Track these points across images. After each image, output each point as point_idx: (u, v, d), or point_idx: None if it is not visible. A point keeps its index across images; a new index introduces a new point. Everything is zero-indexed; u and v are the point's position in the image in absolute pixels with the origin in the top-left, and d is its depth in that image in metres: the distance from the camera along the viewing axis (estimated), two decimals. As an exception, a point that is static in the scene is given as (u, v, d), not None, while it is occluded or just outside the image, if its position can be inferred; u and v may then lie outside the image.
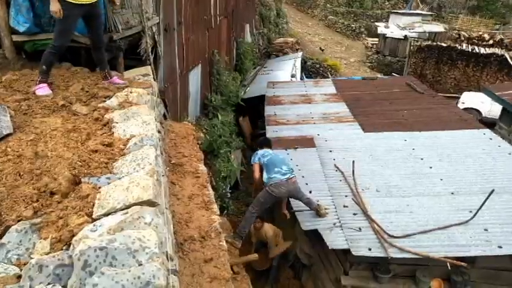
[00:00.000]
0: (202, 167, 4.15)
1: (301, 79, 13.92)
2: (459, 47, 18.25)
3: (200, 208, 3.39)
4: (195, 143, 4.74)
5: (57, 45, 3.83)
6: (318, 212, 5.24)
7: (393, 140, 7.34)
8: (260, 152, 5.48)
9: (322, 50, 23.01)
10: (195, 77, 8.18)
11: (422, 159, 6.67)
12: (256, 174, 5.43)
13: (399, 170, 6.38)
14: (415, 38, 20.04)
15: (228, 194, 7.06)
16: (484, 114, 13.89)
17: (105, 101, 3.59)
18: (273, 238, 6.01)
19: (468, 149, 6.97)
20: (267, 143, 5.89)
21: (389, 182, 6.06)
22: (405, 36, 21.06)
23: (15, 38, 4.37)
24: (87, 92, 3.77)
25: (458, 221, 5.08)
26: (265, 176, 5.27)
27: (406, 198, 5.67)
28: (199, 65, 8.44)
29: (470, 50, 17.99)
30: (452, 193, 5.76)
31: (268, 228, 6.02)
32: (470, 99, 14.47)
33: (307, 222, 5.19)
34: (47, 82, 3.79)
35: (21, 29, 4.24)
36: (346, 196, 5.68)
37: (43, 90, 3.68)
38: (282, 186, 5.06)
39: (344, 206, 5.47)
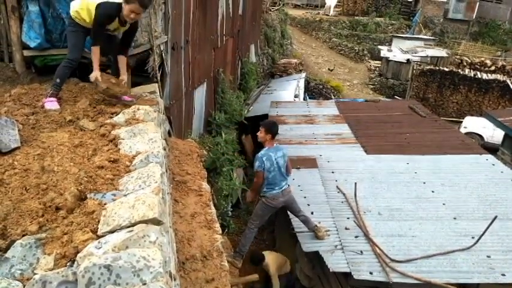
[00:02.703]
0: (205, 185, 4.15)
1: (304, 99, 14.03)
2: (461, 72, 18.42)
3: (202, 227, 3.38)
4: (198, 160, 4.76)
5: (72, 58, 3.92)
6: (316, 234, 5.21)
7: (395, 162, 7.35)
8: (267, 163, 4.98)
9: (331, 70, 23.25)
10: (200, 95, 8.26)
11: (424, 183, 6.66)
12: (258, 185, 5.13)
13: (401, 193, 6.37)
14: (417, 62, 20.27)
15: (229, 213, 7.03)
16: (486, 140, 13.92)
17: (112, 117, 3.63)
18: (276, 272, 5.83)
19: (471, 174, 6.97)
20: (276, 131, 5.22)
21: (391, 205, 6.04)
22: (408, 60, 21.29)
23: (26, 52, 4.46)
24: (94, 107, 3.81)
25: (461, 247, 5.05)
26: (261, 187, 5.18)
27: (408, 222, 5.65)
28: (205, 83, 8.53)
29: (472, 76, 18.16)
30: (454, 218, 5.73)
31: (271, 261, 5.85)
32: (473, 124, 14.53)
33: (308, 243, 5.16)
34: (57, 96, 3.83)
35: (32, 44, 4.34)
36: (348, 218, 5.66)
37: (52, 104, 3.72)
38: (279, 198, 5.13)
39: (346, 228, 5.44)
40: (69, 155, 2.86)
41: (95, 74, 3.78)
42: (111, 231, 2.01)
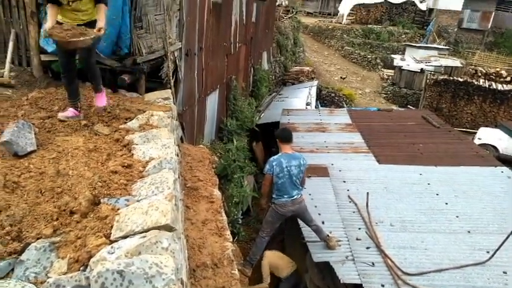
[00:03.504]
0: (216, 192, 4.15)
1: (316, 107, 13.99)
2: (476, 83, 18.19)
3: (213, 234, 3.37)
4: (210, 167, 4.76)
5: (59, 63, 3.84)
6: (327, 244, 5.16)
7: (408, 173, 7.25)
8: (276, 168, 4.98)
9: (343, 79, 23.23)
10: (212, 101, 8.30)
11: (437, 194, 6.56)
12: (266, 188, 5.18)
13: (414, 204, 6.28)
14: (431, 71, 20.08)
15: (240, 220, 7.01)
16: (501, 151, 13.67)
17: (126, 122, 3.67)
18: (266, 268, 5.80)
19: (485, 186, 6.84)
20: (286, 137, 5.21)
21: (403, 216, 5.95)
22: (421, 70, 21.12)
23: (43, 57, 4.55)
24: (109, 112, 3.85)
25: (475, 261, 4.94)
26: (272, 192, 5.19)
27: (421, 234, 5.55)
28: (217, 90, 8.58)
29: (487, 86, 17.91)
30: (468, 231, 5.62)
31: (267, 256, 5.88)
32: (487, 135, 14.29)
33: (318, 253, 5.10)
34: (74, 107, 3.75)
35: (50, 49, 4.41)
36: (359, 229, 5.59)
37: (64, 113, 3.69)
38: (287, 206, 5.10)
39: (357, 239, 5.37)
40: (83, 159, 2.89)
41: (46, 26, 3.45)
42: (124, 237, 2.02)
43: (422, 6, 31.63)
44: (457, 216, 5.96)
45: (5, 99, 4.01)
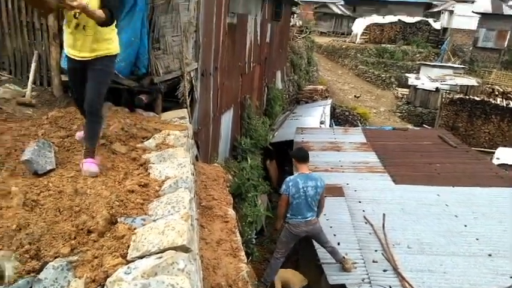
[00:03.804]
0: (231, 211, 4.13)
1: (330, 126, 13.96)
2: (493, 101, 17.97)
3: (228, 255, 3.34)
4: (224, 186, 4.76)
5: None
6: (343, 266, 5.07)
7: (425, 194, 7.12)
8: (292, 189, 4.94)
9: (357, 97, 23.25)
10: (226, 120, 8.37)
11: (456, 216, 6.41)
12: (282, 209, 5.11)
13: (432, 226, 6.13)
14: (446, 90, 19.92)
15: (253, 240, 6.94)
16: (520, 172, 13.34)
17: (143, 141, 3.71)
18: (278, 285, 5.70)
19: (506, 208, 6.66)
20: (303, 156, 5.19)
21: (421, 238, 5.81)
22: (437, 88, 20.97)
23: (63, 77, 4.67)
24: (126, 131, 3.90)
25: (499, 287, 4.76)
26: (288, 211, 5.14)
27: (440, 257, 5.40)
28: (232, 109, 8.65)
29: (505, 105, 17.66)
30: (489, 255, 5.45)
31: (279, 276, 5.76)
32: (506, 155, 13.97)
33: (334, 276, 5.00)
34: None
35: (71, 69, 4.53)
36: (375, 251, 5.47)
37: (82, 133, 3.50)
38: (301, 227, 5.05)
39: (373, 261, 5.26)
40: (101, 178, 2.93)
41: None
42: (141, 257, 2.02)
43: (437, 26, 31.69)
44: (477, 239, 5.80)
45: (26, 118, 4.12)
